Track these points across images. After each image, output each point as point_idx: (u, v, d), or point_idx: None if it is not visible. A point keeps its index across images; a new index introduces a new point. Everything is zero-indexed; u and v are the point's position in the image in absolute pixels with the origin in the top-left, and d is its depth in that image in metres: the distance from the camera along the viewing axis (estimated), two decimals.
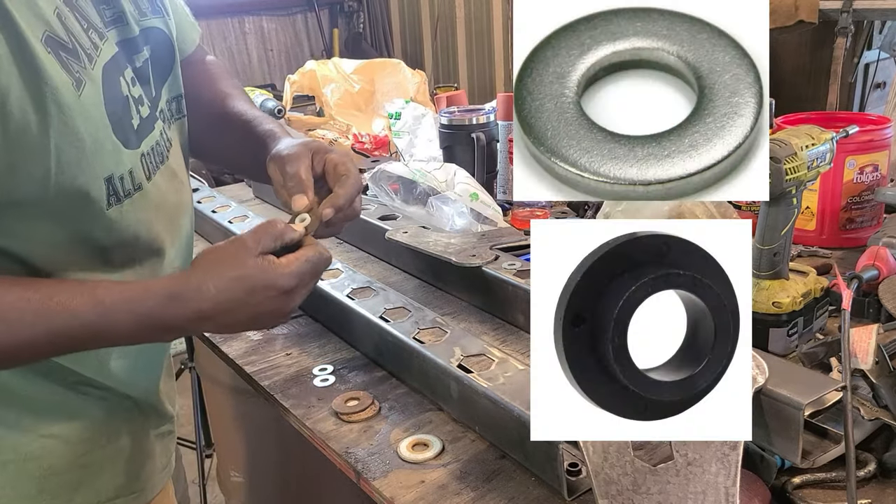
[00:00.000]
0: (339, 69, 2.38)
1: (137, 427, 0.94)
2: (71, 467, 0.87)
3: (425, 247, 1.31)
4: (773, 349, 1.05)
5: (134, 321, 0.77)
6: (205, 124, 1.06)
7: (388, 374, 1.12)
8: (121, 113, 0.80)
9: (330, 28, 4.92)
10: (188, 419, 2.24)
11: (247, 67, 4.56)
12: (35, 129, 0.70)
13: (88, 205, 0.78)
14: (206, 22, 4.34)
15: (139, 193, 0.84)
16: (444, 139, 1.83)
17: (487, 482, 0.88)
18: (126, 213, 0.82)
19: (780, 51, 3.23)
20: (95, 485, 0.90)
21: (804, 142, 1.03)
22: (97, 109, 0.76)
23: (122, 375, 0.90)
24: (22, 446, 0.84)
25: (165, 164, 0.90)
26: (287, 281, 0.80)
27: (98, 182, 0.78)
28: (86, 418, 0.88)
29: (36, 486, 0.85)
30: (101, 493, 0.90)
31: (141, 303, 0.78)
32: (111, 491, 0.91)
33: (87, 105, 0.75)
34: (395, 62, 2.45)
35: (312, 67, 2.36)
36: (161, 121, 0.91)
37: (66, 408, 0.87)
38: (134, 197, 0.83)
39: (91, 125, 0.75)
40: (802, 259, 1.38)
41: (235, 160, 1.17)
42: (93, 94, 0.76)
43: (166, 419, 1.01)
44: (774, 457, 0.83)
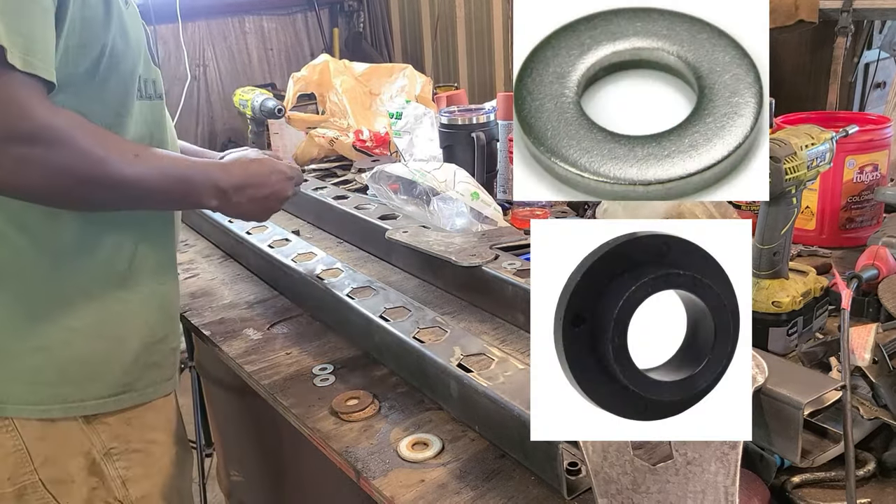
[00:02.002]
0: (349, 67, 2.38)
1: (147, 336, 1.12)
2: (88, 360, 1.06)
3: (425, 246, 1.31)
4: (772, 349, 1.05)
5: (202, 179, 1.06)
6: None
7: (388, 374, 1.12)
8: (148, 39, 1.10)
9: (330, 27, 4.92)
10: (188, 419, 2.23)
11: (247, 67, 4.56)
12: (101, 19, 0.97)
13: (125, 90, 1.04)
14: (206, 21, 4.34)
15: (158, 102, 1.13)
16: (444, 139, 1.83)
17: (487, 481, 0.88)
18: (147, 110, 1.09)
19: (780, 50, 3.23)
20: (107, 378, 1.08)
21: (804, 141, 1.03)
22: (138, 22, 1.07)
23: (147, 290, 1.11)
24: (48, 335, 1.03)
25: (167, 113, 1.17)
26: (290, 170, 1.19)
27: (133, 75, 1.05)
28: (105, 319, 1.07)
29: (58, 372, 1.04)
30: (112, 386, 1.08)
31: (205, 168, 1.09)
32: (119, 387, 1.09)
33: (133, 16, 1.05)
34: (401, 66, 2.44)
35: (325, 59, 2.35)
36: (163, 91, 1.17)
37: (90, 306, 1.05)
38: (154, 102, 1.11)
39: (135, 31, 1.05)
40: (802, 259, 1.38)
41: None
42: (135, 13, 1.06)
43: (173, 335, 1.19)
44: (774, 456, 0.83)
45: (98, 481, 1.10)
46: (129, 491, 1.12)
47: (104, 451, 1.09)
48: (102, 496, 1.11)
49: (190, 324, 1.34)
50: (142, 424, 1.13)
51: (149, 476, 1.15)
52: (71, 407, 1.05)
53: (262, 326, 1.30)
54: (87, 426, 1.07)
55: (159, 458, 1.16)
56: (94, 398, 1.07)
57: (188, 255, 1.68)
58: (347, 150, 2.17)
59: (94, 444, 1.08)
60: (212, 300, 1.42)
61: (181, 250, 1.70)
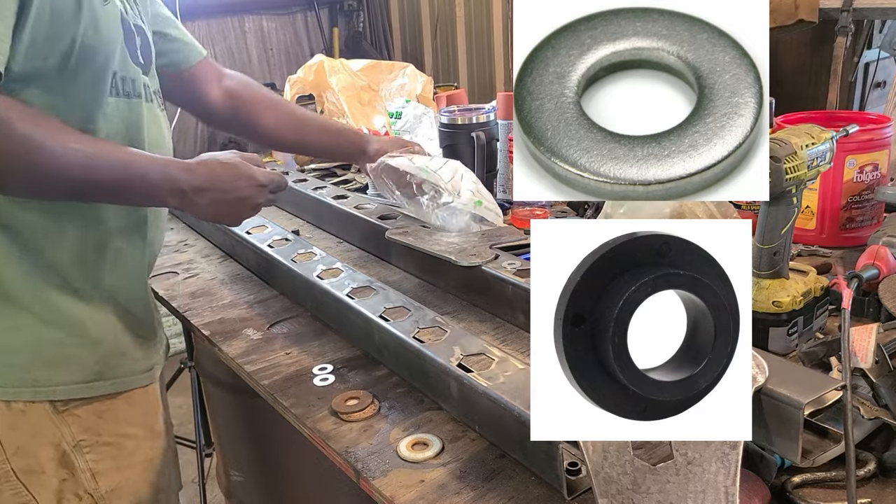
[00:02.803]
0: (345, 65, 2.38)
1: (117, 326, 1.14)
2: (59, 343, 1.07)
3: (425, 246, 1.31)
4: (773, 348, 1.05)
5: (161, 177, 1.03)
6: (289, 122, 1.48)
7: (388, 374, 1.12)
8: (129, 38, 1.08)
9: (330, 27, 4.92)
10: (188, 419, 2.24)
11: (247, 67, 4.56)
12: (71, 11, 0.95)
13: (96, 86, 1.02)
14: (207, 21, 4.34)
15: (136, 101, 1.10)
16: (444, 138, 1.83)
17: (487, 481, 0.88)
18: (122, 108, 1.07)
19: (780, 50, 3.23)
20: (77, 364, 1.09)
21: (804, 141, 1.03)
22: (114, 21, 1.04)
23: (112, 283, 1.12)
24: (18, 317, 1.04)
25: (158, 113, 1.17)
26: (262, 177, 1.13)
27: (107, 71, 1.03)
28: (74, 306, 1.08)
29: (28, 355, 1.06)
30: (82, 372, 1.10)
31: (165, 166, 1.05)
32: (90, 374, 1.10)
33: (109, 14, 1.02)
34: (402, 65, 2.43)
35: (320, 59, 2.35)
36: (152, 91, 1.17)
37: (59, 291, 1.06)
38: (132, 100, 1.09)
39: (110, 29, 1.02)
40: (802, 258, 1.38)
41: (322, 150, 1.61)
42: (112, 11, 1.03)
43: (146, 327, 1.20)
44: (774, 456, 0.83)
45: (68, 473, 1.10)
46: (98, 484, 1.12)
47: (74, 442, 1.10)
48: (72, 488, 1.11)
49: (190, 324, 1.34)
50: (115, 417, 1.14)
51: (119, 469, 1.15)
52: (40, 392, 1.06)
53: (262, 326, 1.30)
54: (57, 416, 1.08)
55: (132, 453, 1.17)
56: (65, 383, 1.08)
57: (188, 254, 1.67)
58: None
59: (65, 435, 1.09)
60: (211, 300, 1.42)
61: (181, 250, 1.70)
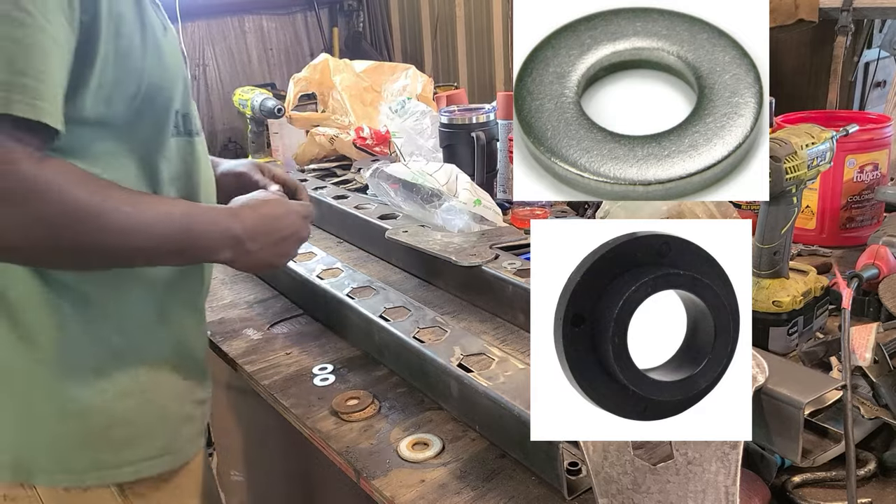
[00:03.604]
0: (348, 65, 2.38)
1: (179, 388, 1.03)
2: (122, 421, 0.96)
3: (425, 246, 1.31)
4: (773, 348, 1.05)
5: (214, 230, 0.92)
6: None
7: (388, 374, 1.12)
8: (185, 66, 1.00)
9: (330, 27, 4.92)
10: None
11: (246, 67, 4.55)
12: (137, 52, 0.87)
13: (159, 127, 0.94)
14: (206, 21, 4.33)
15: (190, 139, 1.01)
16: (445, 138, 1.83)
17: (487, 481, 0.88)
18: (181, 148, 0.99)
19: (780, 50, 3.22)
20: (144, 440, 0.98)
21: (804, 140, 1.03)
22: (176, 50, 0.96)
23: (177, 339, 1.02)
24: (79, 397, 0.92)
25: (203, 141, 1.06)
26: (302, 209, 1.05)
27: (169, 110, 0.95)
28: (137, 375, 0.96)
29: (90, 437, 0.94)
30: (149, 448, 0.99)
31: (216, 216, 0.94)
32: (156, 449, 0.99)
33: (171, 44, 0.94)
34: (405, 66, 2.44)
35: (325, 58, 2.36)
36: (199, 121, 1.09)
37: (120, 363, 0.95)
38: (188, 140, 1.01)
39: (172, 60, 0.94)
40: (802, 258, 1.38)
41: None
42: (172, 40, 0.96)
43: (205, 387, 1.09)
44: (774, 456, 0.83)
45: None
46: None
47: None
48: None
49: None
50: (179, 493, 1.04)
51: None
52: (106, 474, 0.95)
53: (262, 326, 1.30)
54: (122, 497, 0.97)
55: None
56: (130, 463, 0.97)
57: None
58: (348, 148, 2.17)
59: None
60: (212, 300, 1.42)
61: None
